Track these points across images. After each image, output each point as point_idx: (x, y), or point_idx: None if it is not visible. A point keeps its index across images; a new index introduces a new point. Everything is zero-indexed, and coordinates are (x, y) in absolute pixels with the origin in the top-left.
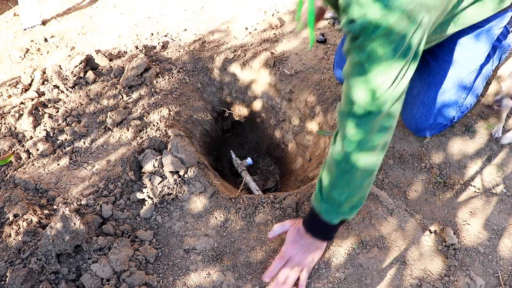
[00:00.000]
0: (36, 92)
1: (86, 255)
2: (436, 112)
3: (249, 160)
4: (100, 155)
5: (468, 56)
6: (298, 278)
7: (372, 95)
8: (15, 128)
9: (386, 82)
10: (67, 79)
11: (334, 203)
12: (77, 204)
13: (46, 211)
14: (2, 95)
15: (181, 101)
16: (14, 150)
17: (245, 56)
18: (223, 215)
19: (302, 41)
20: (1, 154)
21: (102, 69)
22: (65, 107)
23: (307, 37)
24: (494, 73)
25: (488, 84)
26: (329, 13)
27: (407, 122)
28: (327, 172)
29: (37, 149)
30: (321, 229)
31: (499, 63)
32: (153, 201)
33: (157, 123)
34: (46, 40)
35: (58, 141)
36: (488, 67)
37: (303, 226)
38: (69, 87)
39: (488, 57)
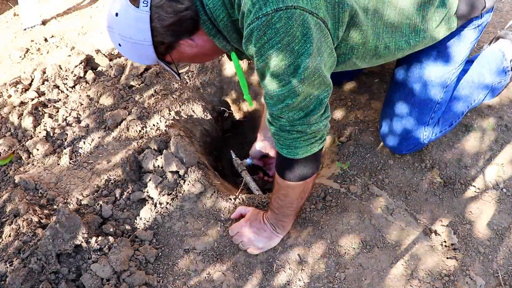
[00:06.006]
0: (36, 92)
1: (86, 255)
2: (402, 131)
3: (249, 160)
4: (100, 155)
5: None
6: None
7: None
8: (15, 128)
9: None
10: (67, 79)
11: None
12: (77, 204)
13: (46, 211)
14: (2, 95)
15: (181, 101)
16: (14, 150)
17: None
18: (223, 215)
19: None
20: (1, 154)
21: (102, 69)
22: (65, 107)
23: None
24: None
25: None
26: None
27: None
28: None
29: (37, 149)
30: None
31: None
32: (153, 201)
33: (157, 123)
34: (46, 40)
35: (58, 141)
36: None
37: None
38: (69, 87)
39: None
